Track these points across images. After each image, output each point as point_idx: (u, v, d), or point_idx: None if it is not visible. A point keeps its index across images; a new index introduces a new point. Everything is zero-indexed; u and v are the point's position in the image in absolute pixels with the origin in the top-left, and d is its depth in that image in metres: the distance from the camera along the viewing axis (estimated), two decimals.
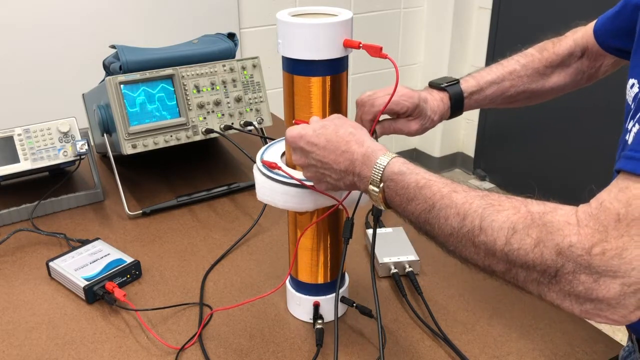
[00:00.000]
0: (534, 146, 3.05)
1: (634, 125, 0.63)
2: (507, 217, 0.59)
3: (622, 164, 0.57)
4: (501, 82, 0.99)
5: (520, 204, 0.60)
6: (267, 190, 0.83)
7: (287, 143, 0.78)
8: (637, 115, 0.63)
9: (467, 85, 0.97)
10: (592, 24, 1.02)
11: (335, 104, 0.80)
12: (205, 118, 1.29)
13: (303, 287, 0.92)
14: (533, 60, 1.03)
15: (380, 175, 0.69)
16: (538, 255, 0.56)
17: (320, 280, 0.91)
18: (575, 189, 2.95)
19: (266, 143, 1.08)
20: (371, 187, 0.70)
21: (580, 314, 0.57)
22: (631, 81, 0.75)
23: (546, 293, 0.58)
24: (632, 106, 0.70)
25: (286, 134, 0.77)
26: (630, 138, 0.64)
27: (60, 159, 1.26)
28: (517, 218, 0.58)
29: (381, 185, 0.69)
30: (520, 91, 1.01)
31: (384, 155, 0.70)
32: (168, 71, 1.26)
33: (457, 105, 0.97)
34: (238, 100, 1.33)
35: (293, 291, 0.93)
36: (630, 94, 0.75)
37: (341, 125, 0.74)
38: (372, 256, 0.83)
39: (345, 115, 0.83)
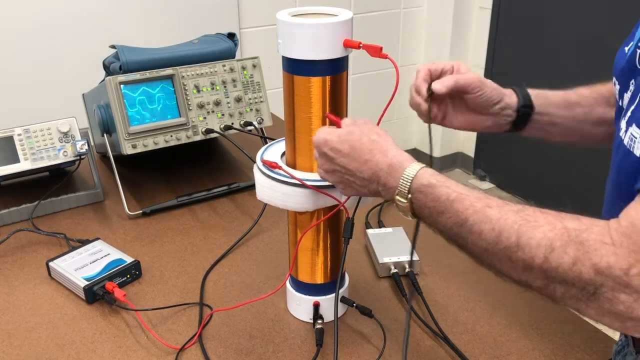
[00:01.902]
0: (534, 146, 3.05)
1: None
2: (544, 234, 0.59)
3: None
4: (565, 94, 0.96)
5: (555, 219, 0.60)
6: (267, 190, 0.83)
7: (314, 145, 0.77)
8: None
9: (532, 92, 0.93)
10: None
11: (335, 104, 0.80)
12: (205, 118, 1.29)
13: (303, 287, 0.92)
14: (599, 88, 0.97)
15: (408, 186, 0.68)
16: (577, 274, 0.57)
17: (320, 280, 0.91)
18: (575, 189, 2.95)
19: (266, 143, 1.08)
20: (398, 198, 0.69)
21: (620, 330, 0.58)
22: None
23: (585, 309, 0.59)
24: None
25: (313, 138, 0.77)
26: None
27: (60, 159, 1.26)
28: (554, 235, 0.58)
29: (409, 196, 0.68)
30: (586, 111, 0.93)
31: (411, 166, 0.69)
32: (168, 71, 1.26)
33: (524, 116, 0.92)
34: (238, 100, 1.33)
35: (293, 291, 0.93)
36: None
37: (366, 132, 0.73)
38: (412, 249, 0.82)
39: (346, 115, 0.84)
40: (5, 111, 2.34)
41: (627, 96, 0.74)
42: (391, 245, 1.08)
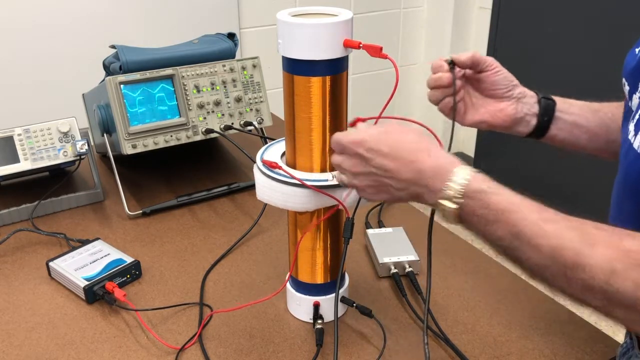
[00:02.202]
0: (534, 146, 3.05)
1: None
2: (603, 255, 0.57)
3: None
4: (585, 102, 0.94)
5: (612, 237, 0.58)
6: (267, 190, 0.83)
7: (339, 148, 0.73)
8: None
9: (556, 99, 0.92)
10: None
11: (335, 104, 0.80)
12: (205, 118, 1.29)
13: (303, 287, 0.92)
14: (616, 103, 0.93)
15: (456, 190, 0.64)
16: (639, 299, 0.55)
17: (320, 281, 0.91)
18: (575, 190, 2.95)
19: (266, 143, 1.07)
20: (444, 202, 0.65)
21: None
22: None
23: None
24: None
25: (340, 140, 0.73)
26: None
27: (60, 159, 1.26)
28: (614, 256, 0.57)
29: (457, 201, 0.64)
30: (610, 116, 0.91)
31: (460, 169, 0.65)
32: (168, 71, 1.26)
33: (547, 109, 0.90)
34: (238, 100, 1.33)
35: (293, 291, 0.93)
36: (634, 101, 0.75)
37: (406, 132, 0.70)
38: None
39: (346, 115, 0.84)
40: (5, 111, 2.34)
41: (636, 97, 0.72)
42: (391, 245, 1.08)
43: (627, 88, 0.76)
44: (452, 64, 0.87)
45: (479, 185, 0.64)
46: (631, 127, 0.66)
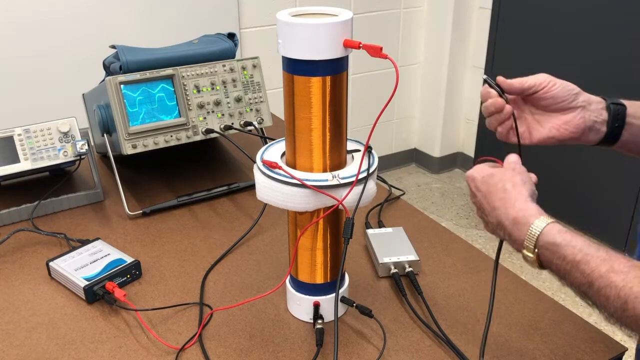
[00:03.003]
0: (534, 147, 3.05)
1: None
2: None
3: None
4: None
5: None
6: (267, 190, 0.83)
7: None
8: None
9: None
10: None
11: (335, 104, 0.80)
12: (205, 118, 1.29)
13: (303, 287, 0.92)
14: None
15: (534, 242, 0.70)
16: None
17: (320, 280, 0.91)
18: (575, 190, 2.95)
19: (266, 143, 1.08)
20: (525, 252, 0.71)
21: None
22: None
23: None
24: None
25: (468, 172, 0.82)
26: None
27: (61, 159, 1.26)
28: None
29: (535, 251, 0.70)
30: None
31: (537, 222, 0.70)
32: (168, 71, 1.26)
33: (617, 114, 0.85)
34: (238, 100, 1.33)
35: (293, 291, 0.93)
36: None
37: (504, 179, 0.76)
38: None
39: (345, 115, 0.83)
40: (5, 111, 2.34)
41: None
42: (391, 245, 1.08)
43: None
44: (500, 88, 0.83)
45: (554, 237, 0.69)
46: None
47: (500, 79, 0.84)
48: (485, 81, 0.84)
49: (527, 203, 0.73)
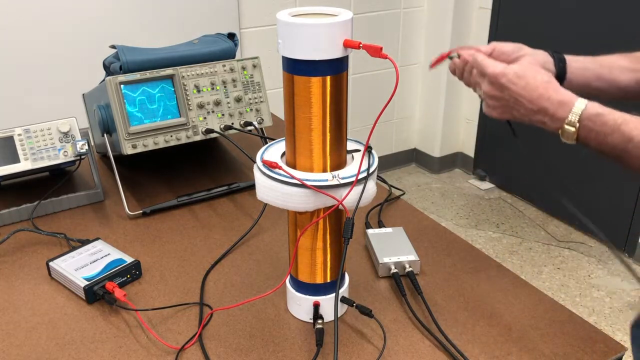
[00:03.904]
0: (534, 147, 3.05)
1: None
2: None
3: None
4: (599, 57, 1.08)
5: None
6: (267, 190, 0.83)
7: (480, 72, 0.91)
8: None
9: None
10: None
11: (336, 104, 0.80)
12: (205, 118, 1.29)
13: (303, 287, 0.92)
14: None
15: (578, 116, 0.82)
16: None
17: (320, 280, 0.91)
18: (575, 189, 2.95)
19: (266, 143, 1.08)
20: (567, 127, 0.83)
21: None
22: None
23: None
24: None
25: (484, 68, 0.89)
26: None
27: (61, 159, 1.26)
28: None
29: (577, 125, 0.83)
30: (611, 61, 1.06)
31: (580, 100, 0.84)
32: (168, 71, 1.26)
33: (560, 59, 1.02)
34: (238, 100, 1.33)
35: (293, 291, 0.93)
36: None
37: (538, 72, 0.87)
38: None
39: (345, 117, 0.84)
40: (5, 111, 2.34)
41: None
42: (391, 245, 1.08)
43: None
44: (457, 55, 0.98)
45: (596, 110, 0.82)
46: None
47: (460, 51, 1.00)
48: (450, 58, 1.00)
49: (564, 89, 0.86)
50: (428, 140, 3.57)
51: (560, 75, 1.01)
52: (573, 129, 0.84)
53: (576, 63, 1.07)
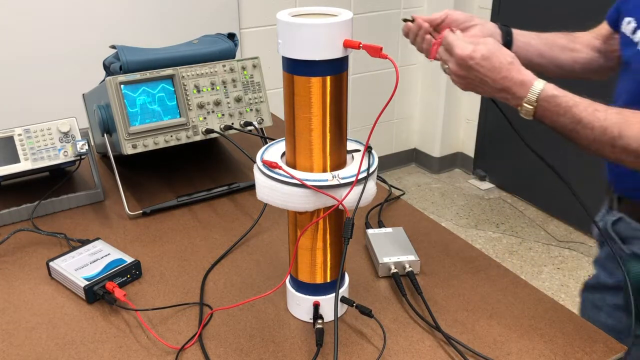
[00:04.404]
0: (534, 146, 3.05)
1: None
2: (638, 130, 0.86)
3: None
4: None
5: None
6: (267, 190, 0.83)
7: (449, 50, 0.95)
8: None
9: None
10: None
11: (336, 104, 0.80)
12: (205, 118, 1.29)
13: (303, 287, 0.92)
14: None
15: (537, 95, 0.90)
16: None
17: (320, 280, 0.91)
18: (575, 189, 2.94)
19: (266, 143, 1.08)
20: (526, 105, 0.91)
21: None
22: (627, 19, 1.02)
23: None
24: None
25: (453, 49, 0.94)
26: None
27: (61, 159, 1.26)
28: None
29: (535, 104, 0.90)
30: (551, 39, 1.19)
31: (538, 81, 0.91)
32: (168, 71, 1.26)
33: (507, 31, 1.14)
34: (238, 100, 1.33)
35: (293, 291, 0.93)
36: (627, 28, 1.02)
37: (502, 53, 0.92)
38: None
39: (345, 117, 0.84)
40: (5, 111, 2.34)
41: None
42: (391, 245, 1.08)
43: (632, 25, 1.00)
44: (412, 19, 1.10)
45: (552, 91, 0.90)
46: None
47: (415, 15, 1.11)
48: (404, 20, 1.11)
49: (527, 70, 0.92)
50: (428, 140, 3.57)
51: (506, 47, 1.05)
52: (531, 107, 0.91)
53: (522, 37, 1.15)
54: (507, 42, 1.13)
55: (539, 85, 0.91)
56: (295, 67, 0.78)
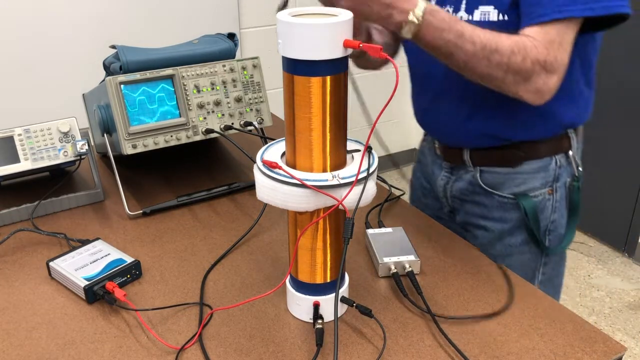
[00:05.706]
0: None
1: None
2: (509, 44, 0.94)
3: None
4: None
5: (514, 37, 0.96)
6: (267, 190, 0.83)
7: None
8: None
9: None
10: None
11: (336, 104, 0.80)
12: (205, 118, 1.29)
13: (303, 287, 0.92)
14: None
15: (422, 10, 0.92)
16: (522, 66, 0.95)
17: (320, 280, 0.91)
18: None
19: (266, 143, 1.08)
20: (411, 18, 0.92)
21: (536, 101, 0.99)
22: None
23: (520, 90, 0.98)
24: None
25: None
26: None
27: (61, 159, 1.26)
28: (514, 45, 0.95)
29: (421, 17, 0.92)
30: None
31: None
32: (168, 71, 1.26)
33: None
34: (238, 100, 1.33)
35: (293, 291, 0.93)
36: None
37: None
38: None
39: (345, 115, 0.84)
40: (5, 111, 2.34)
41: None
42: (391, 245, 1.08)
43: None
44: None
45: (434, 7, 0.94)
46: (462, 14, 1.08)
47: None
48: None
49: None
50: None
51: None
52: (416, 21, 0.93)
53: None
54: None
55: (422, 2, 0.93)
56: (295, 67, 0.78)
